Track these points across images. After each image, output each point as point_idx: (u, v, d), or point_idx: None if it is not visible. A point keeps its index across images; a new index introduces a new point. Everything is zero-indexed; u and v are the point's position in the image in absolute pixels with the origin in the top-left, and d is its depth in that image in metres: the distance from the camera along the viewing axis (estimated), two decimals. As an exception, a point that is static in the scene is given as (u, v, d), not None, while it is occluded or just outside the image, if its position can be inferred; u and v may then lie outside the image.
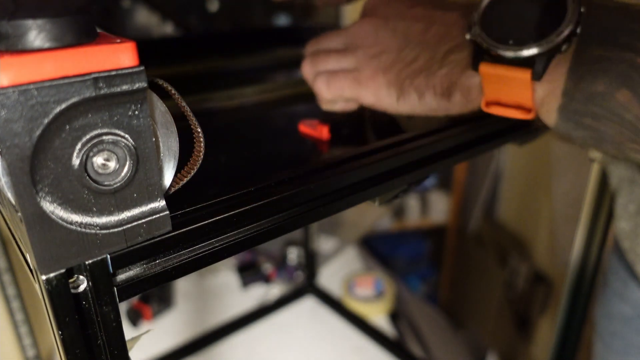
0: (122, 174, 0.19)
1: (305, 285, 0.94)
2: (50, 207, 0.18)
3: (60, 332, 0.19)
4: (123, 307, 0.85)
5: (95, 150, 0.18)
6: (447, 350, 1.03)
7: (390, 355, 0.80)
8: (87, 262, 0.19)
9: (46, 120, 0.17)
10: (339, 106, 0.39)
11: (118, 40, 0.18)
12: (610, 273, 0.55)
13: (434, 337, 1.01)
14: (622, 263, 0.53)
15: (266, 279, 0.95)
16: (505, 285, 1.31)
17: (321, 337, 0.83)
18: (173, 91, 0.22)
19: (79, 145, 0.18)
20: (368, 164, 0.29)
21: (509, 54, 0.29)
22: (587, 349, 0.64)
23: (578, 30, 0.28)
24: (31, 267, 0.20)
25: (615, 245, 0.55)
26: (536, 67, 0.29)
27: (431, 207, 1.66)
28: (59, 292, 0.19)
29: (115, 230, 0.20)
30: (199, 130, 0.23)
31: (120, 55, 0.18)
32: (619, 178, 0.50)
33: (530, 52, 0.28)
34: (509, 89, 0.30)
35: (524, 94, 0.30)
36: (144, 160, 0.20)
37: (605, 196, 0.54)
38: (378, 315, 0.89)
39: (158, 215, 0.21)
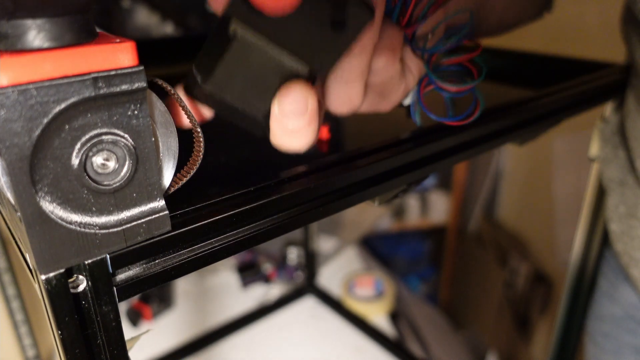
0: (122, 174, 0.19)
1: (305, 285, 0.94)
2: (50, 207, 0.18)
3: (59, 332, 0.19)
4: (123, 307, 0.85)
5: (94, 150, 0.18)
6: (447, 350, 1.03)
7: (390, 355, 0.79)
8: (86, 262, 0.19)
9: (45, 120, 0.17)
10: None
11: (117, 40, 0.18)
12: (598, 275, 0.55)
13: (434, 337, 1.01)
14: (609, 264, 0.53)
15: (266, 279, 0.95)
16: (505, 285, 1.31)
17: (321, 337, 0.83)
18: (173, 91, 0.22)
19: (78, 145, 0.18)
20: (368, 164, 0.29)
21: None
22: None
23: None
24: (31, 267, 0.20)
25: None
26: None
27: (431, 207, 1.65)
28: (58, 292, 0.19)
29: (115, 230, 0.20)
30: (199, 130, 0.23)
31: (120, 55, 0.18)
32: (609, 179, 0.50)
33: None
34: None
35: None
36: (143, 160, 0.20)
37: (605, 196, 0.54)
38: (378, 315, 0.89)
39: (157, 215, 0.21)
